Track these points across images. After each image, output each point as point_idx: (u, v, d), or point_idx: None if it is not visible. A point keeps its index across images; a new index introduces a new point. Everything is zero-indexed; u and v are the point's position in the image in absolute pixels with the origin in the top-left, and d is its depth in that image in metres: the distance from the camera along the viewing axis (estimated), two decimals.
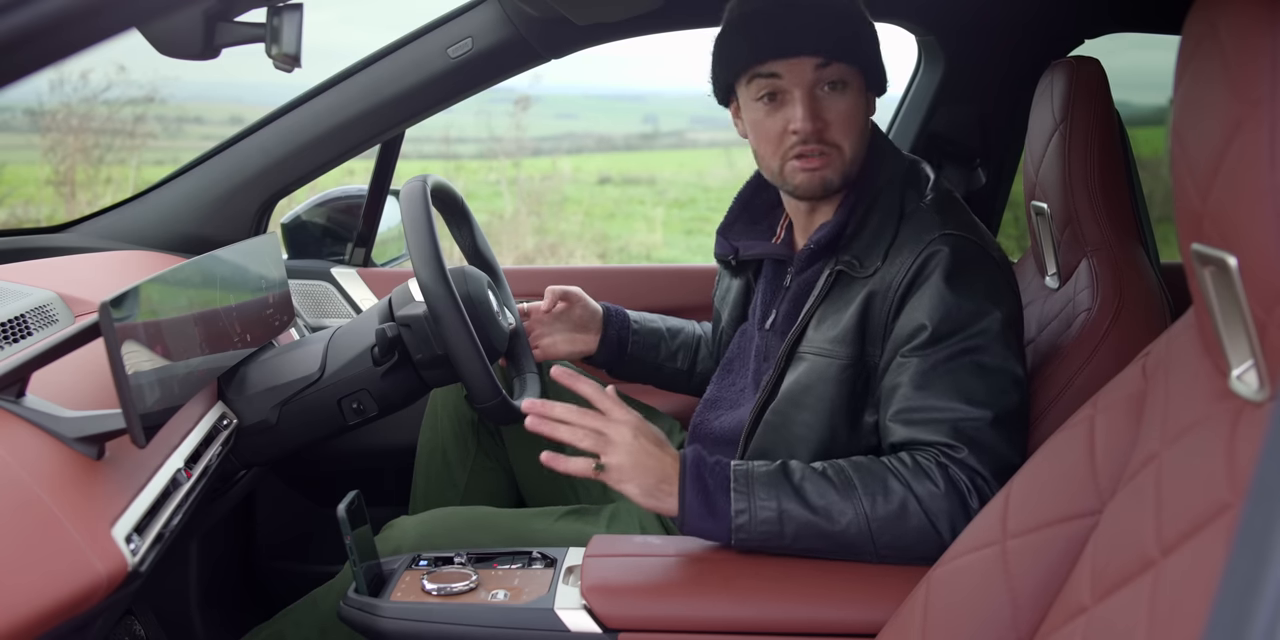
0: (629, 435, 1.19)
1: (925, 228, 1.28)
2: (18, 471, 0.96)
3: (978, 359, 1.22)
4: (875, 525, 1.16)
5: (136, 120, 7.21)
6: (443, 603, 1.18)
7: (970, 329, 1.22)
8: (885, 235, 1.30)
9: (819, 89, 1.29)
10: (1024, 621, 0.85)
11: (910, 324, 1.24)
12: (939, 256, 1.24)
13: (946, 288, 1.23)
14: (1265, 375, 0.66)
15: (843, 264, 1.31)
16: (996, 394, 1.21)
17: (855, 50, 1.29)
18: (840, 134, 1.30)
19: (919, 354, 1.23)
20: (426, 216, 1.44)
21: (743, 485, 1.18)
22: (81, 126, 6.93)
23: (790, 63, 1.28)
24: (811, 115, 1.28)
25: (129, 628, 1.35)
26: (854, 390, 1.29)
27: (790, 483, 1.19)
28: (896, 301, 1.26)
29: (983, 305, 1.23)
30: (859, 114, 1.31)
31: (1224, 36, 0.64)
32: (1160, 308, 1.37)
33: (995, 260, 1.29)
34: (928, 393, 1.21)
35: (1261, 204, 0.61)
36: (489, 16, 1.83)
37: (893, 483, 1.18)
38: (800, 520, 1.17)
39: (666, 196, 9.36)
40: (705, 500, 1.18)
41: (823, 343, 1.30)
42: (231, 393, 1.45)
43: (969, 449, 1.18)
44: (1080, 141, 1.42)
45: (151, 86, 7.26)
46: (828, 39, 1.27)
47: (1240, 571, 0.51)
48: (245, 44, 1.07)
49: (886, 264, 1.28)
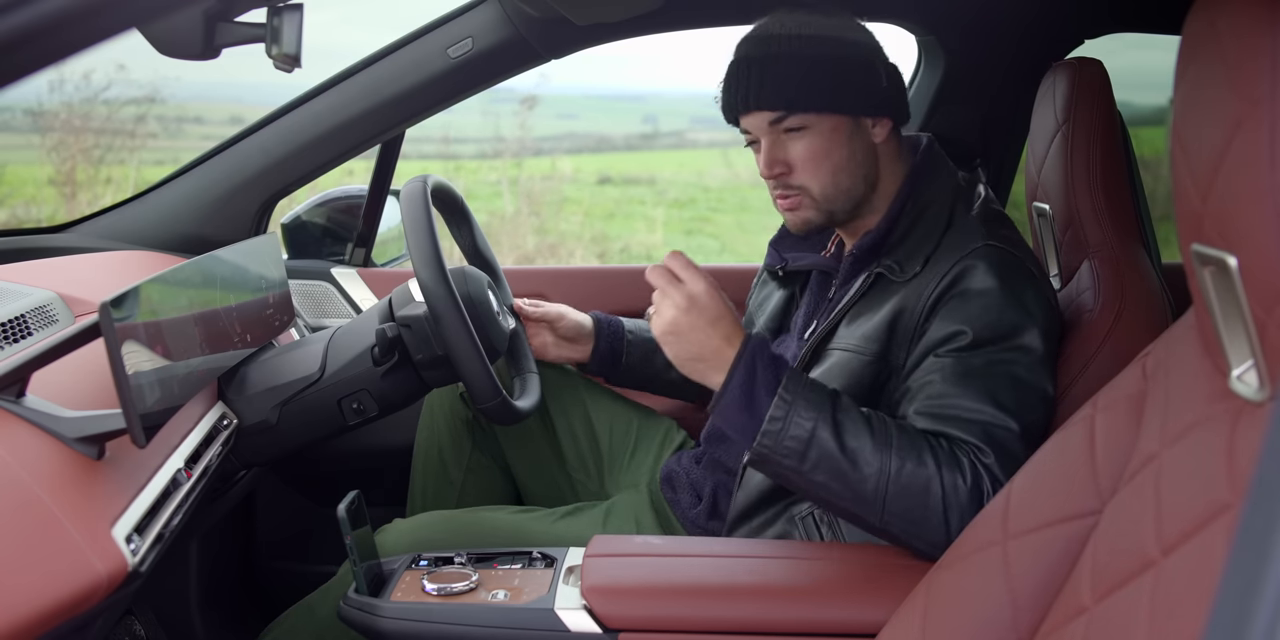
0: (681, 304, 1.17)
1: (968, 238, 1.29)
2: (18, 471, 0.96)
3: (1013, 370, 1.22)
4: (893, 489, 1.14)
5: (137, 120, 7.21)
6: (443, 603, 1.18)
7: (1011, 340, 1.22)
8: (928, 244, 1.31)
9: (781, 135, 1.34)
10: (1024, 621, 0.85)
11: (946, 329, 1.23)
12: (979, 266, 1.25)
13: (989, 297, 1.23)
14: (1265, 375, 0.66)
15: (883, 267, 1.32)
16: (1025, 406, 1.20)
17: (804, 98, 1.32)
18: (806, 176, 1.35)
19: (956, 355, 1.22)
20: (427, 216, 1.44)
21: (789, 394, 1.15)
22: (82, 126, 6.92)
23: (749, 118, 1.36)
24: (770, 162, 1.35)
25: (129, 628, 1.35)
26: (872, 385, 1.29)
27: (834, 412, 1.16)
28: (929, 307, 1.26)
29: (1023, 319, 1.23)
30: (824, 154, 1.34)
31: (1224, 36, 0.64)
32: (1162, 309, 1.37)
33: (1035, 276, 1.29)
34: (961, 391, 1.20)
35: (1261, 204, 0.61)
36: (489, 16, 1.83)
37: (928, 457, 1.15)
38: (826, 451, 1.14)
39: (666, 196, 9.36)
40: (748, 393, 1.16)
41: (851, 339, 1.31)
42: (231, 393, 1.45)
43: (996, 455, 1.17)
44: (1082, 143, 1.42)
45: (151, 86, 7.27)
46: (775, 94, 1.32)
47: (1240, 571, 0.51)
48: (245, 44, 1.07)
49: (925, 270, 1.29)
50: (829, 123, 1.33)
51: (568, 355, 1.70)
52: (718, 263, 5.79)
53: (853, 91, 1.34)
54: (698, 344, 1.17)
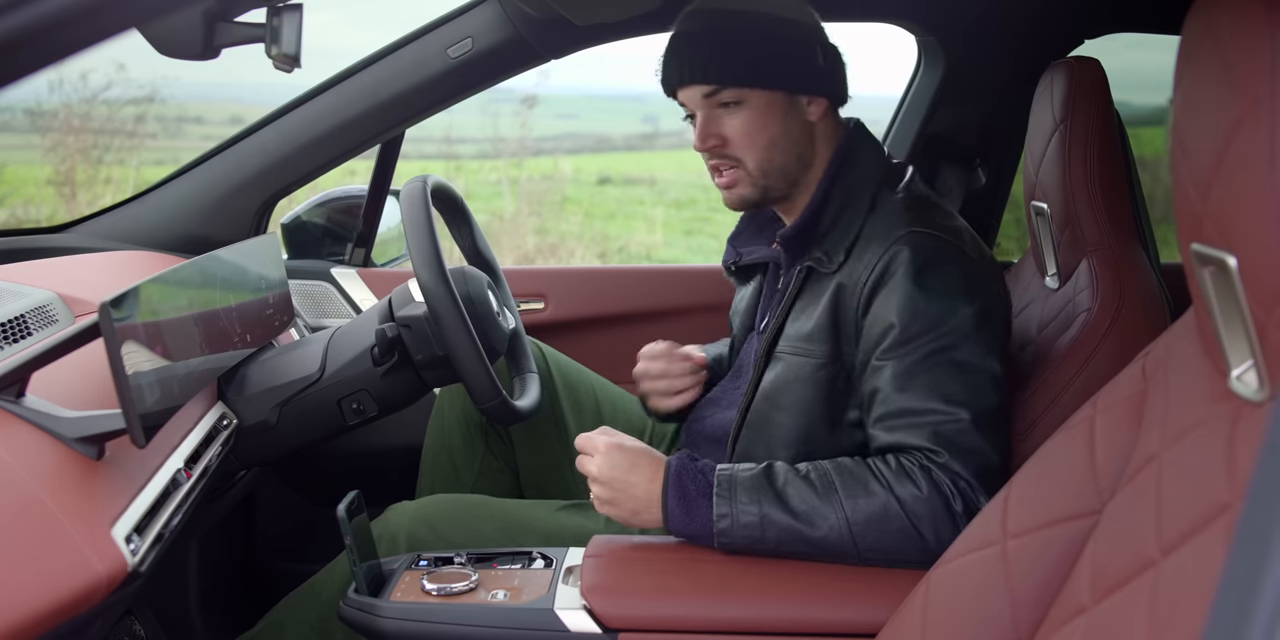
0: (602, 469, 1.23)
1: (892, 225, 1.28)
2: (18, 472, 0.96)
3: (953, 356, 1.21)
4: (856, 529, 1.17)
5: (136, 120, 7.20)
6: (443, 603, 1.18)
7: (941, 328, 1.22)
8: (851, 230, 1.31)
9: (716, 109, 1.34)
10: (1024, 622, 0.85)
11: (880, 324, 1.24)
12: (904, 254, 1.24)
13: (913, 286, 1.23)
14: (1265, 375, 0.66)
15: (811, 260, 1.32)
16: (975, 393, 1.20)
17: (738, 72, 1.32)
18: (740, 148, 1.34)
19: (892, 356, 1.22)
20: (426, 217, 1.44)
21: (725, 490, 1.20)
22: (81, 126, 6.92)
23: (685, 91, 1.35)
24: (705, 135, 1.35)
25: (129, 628, 1.35)
26: (833, 389, 1.29)
27: (774, 488, 1.19)
28: (865, 299, 1.26)
29: (952, 303, 1.23)
30: (759, 128, 1.33)
31: (1224, 36, 0.64)
32: (1160, 308, 1.37)
33: (969, 257, 1.28)
34: (905, 396, 1.21)
35: (1261, 204, 0.61)
36: (489, 16, 1.83)
37: (874, 485, 1.18)
38: (782, 525, 1.18)
39: (666, 197, 9.35)
40: (686, 506, 1.20)
41: (796, 341, 1.31)
42: (231, 393, 1.45)
43: (949, 453, 1.18)
44: (1080, 142, 1.42)
45: (151, 86, 7.26)
46: (708, 67, 1.32)
47: (1240, 571, 0.51)
48: (245, 44, 1.07)
49: (852, 259, 1.28)
50: (763, 98, 1.33)
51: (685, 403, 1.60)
52: (717, 263, 5.79)
53: (786, 68, 1.33)
54: (629, 496, 1.22)
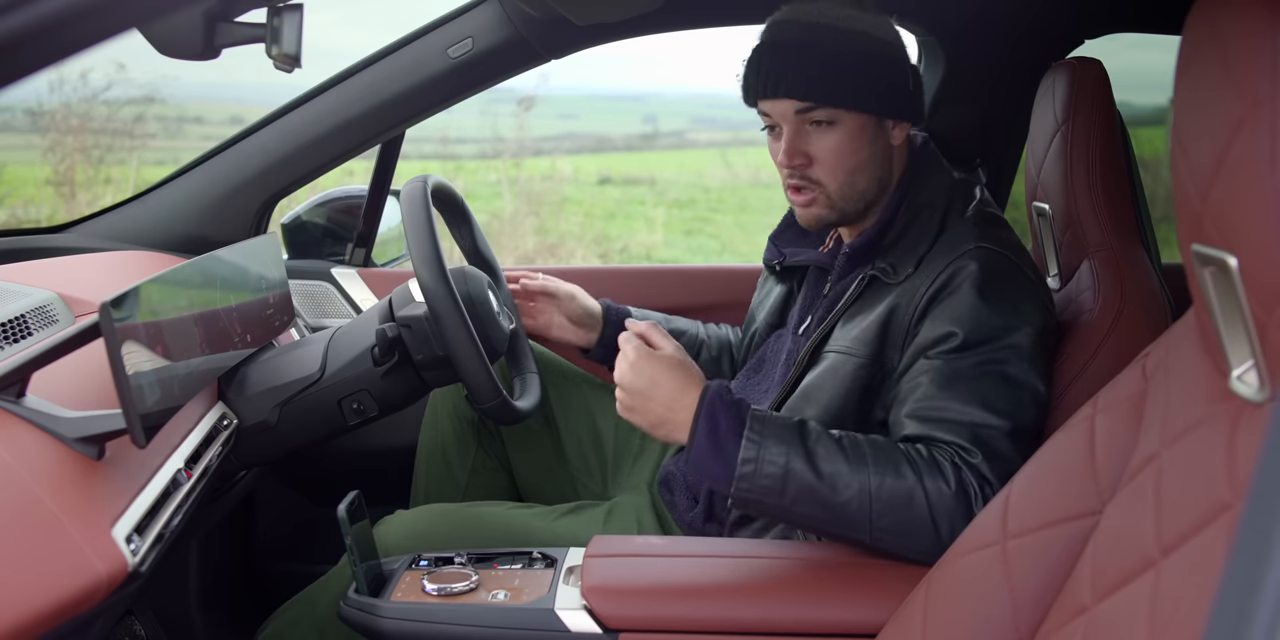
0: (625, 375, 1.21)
1: (960, 240, 1.29)
2: (18, 472, 0.96)
3: (1004, 370, 1.21)
4: (878, 506, 1.14)
5: (136, 120, 7.20)
6: (443, 603, 1.18)
7: (999, 342, 1.22)
8: (922, 246, 1.31)
9: (806, 125, 1.32)
10: (1024, 621, 0.85)
11: (937, 330, 1.24)
12: (970, 268, 1.25)
13: (979, 298, 1.23)
14: (1265, 375, 0.66)
15: (877, 270, 1.32)
16: (1016, 406, 1.20)
17: (839, 92, 1.29)
18: (825, 172, 1.33)
19: (945, 357, 1.22)
20: (427, 217, 1.44)
21: (756, 434, 1.16)
22: (81, 126, 6.92)
23: (774, 103, 1.32)
24: (792, 152, 1.32)
25: (129, 628, 1.35)
26: (867, 387, 1.29)
27: (804, 442, 1.16)
28: (921, 308, 1.26)
29: (1014, 319, 1.23)
30: (849, 151, 1.32)
31: (1225, 37, 0.64)
32: (1162, 309, 1.37)
33: (1029, 278, 1.29)
34: (949, 394, 1.20)
35: (1262, 204, 0.61)
36: (489, 16, 1.83)
37: (905, 469, 1.15)
38: (804, 483, 1.14)
39: (666, 197, 9.35)
40: (714, 440, 1.16)
41: (845, 342, 1.31)
42: (231, 393, 1.45)
43: (983, 455, 1.17)
44: (1082, 143, 1.42)
45: (151, 86, 7.26)
46: (808, 83, 1.29)
47: (1240, 571, 0.51)
48: (245, 44, 1.07)
49: (917, 273, 1.29)
50: (857, 120, 1.31)
51: (570, 338, 1.69)
52: (717, 263, 5.79)
53: (884, 91, 1.32)
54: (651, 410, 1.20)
